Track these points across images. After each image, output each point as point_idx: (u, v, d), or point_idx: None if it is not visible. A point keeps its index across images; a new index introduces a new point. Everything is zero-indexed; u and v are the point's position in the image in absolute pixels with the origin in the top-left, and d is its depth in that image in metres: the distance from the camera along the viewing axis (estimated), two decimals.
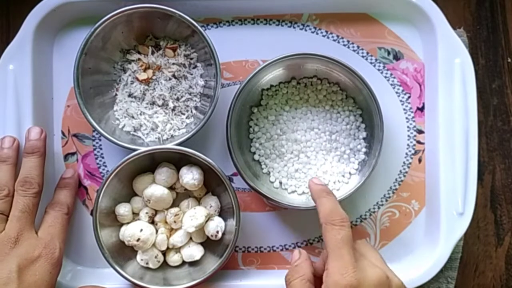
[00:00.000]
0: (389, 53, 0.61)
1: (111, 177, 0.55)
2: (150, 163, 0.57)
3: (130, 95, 0.59)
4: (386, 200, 0.61)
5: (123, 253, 0.57)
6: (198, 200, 0.58)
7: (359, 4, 0.60)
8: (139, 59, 0.59)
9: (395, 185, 0.61)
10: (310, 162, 0.59)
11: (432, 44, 0.59)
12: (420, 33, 0.61)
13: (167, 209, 0.57)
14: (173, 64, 0.58)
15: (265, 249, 0.61)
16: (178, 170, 0.57)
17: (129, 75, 0.59)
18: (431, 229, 0.59)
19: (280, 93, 0.60)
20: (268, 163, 0.60)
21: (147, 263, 0.57)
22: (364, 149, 0.59)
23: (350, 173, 0.59)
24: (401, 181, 0.61)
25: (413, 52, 0.61)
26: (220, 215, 0.57)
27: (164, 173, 0.56)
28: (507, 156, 0.63)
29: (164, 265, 0.58)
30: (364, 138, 0.59)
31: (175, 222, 0.56)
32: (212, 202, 0.57)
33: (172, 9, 0.55)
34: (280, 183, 0.59)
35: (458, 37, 0.58)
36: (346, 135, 0.59)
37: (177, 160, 0.57)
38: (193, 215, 0.55)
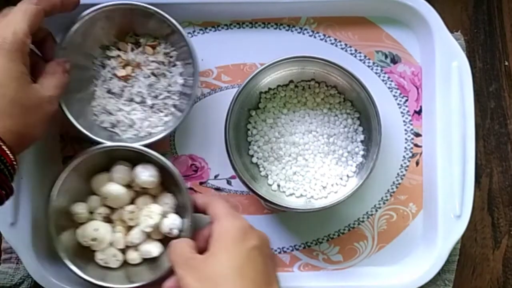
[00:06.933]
0: (386, 57, 0.61)
1: (64, 176, 0.54)
2: (108, 162, 0.57)
3: (108, 92, 0.59)
4: (384, 203, 0.61)
5: (83, 254, 0.56)
6: (155, 198, 0.58)
7: (356, 8, 0.60)
8: (118, 55, 0.59)
9: (392, 188, 0.61)
10: (308, 165, 0.59)
11: (430, 48, 0.59)
12: (418, 37, 0.61)
13: (123, 207, 0.57)
14: (152, 61, 0.58)
15: None
16: None
17: (108, 71, 0.59)
18: (428, 231, 0.60)
19: (278, 96, 0.60)
20: (266, 165, 0.60)
21: (106, 263, 0.56)
22: (361, 152, 0.59)
23: (347, 175, 0.59)
24: (399, 184, 0.61)
25: (411, 55, 0.61)
26: (178, 212, 0.57)
27: (119, 171, 0.56)
28: (504, 159, 0.63)
29: (126, 263, 0.58)
30: (361, 141, 0.59)
31: (131, 219, 0.56)
32: (168, 199, 0.57)
33: (153, 8, 0.55)
34: (278, 185, 0.60)
35: (456, 41, 0.59)
36: (344, 138, 0.59)
37: (134, 159, 0.57)
38: (148, 214, 0.55)
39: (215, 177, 0.61)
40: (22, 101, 0.47)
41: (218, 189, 0.61)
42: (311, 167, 0.59)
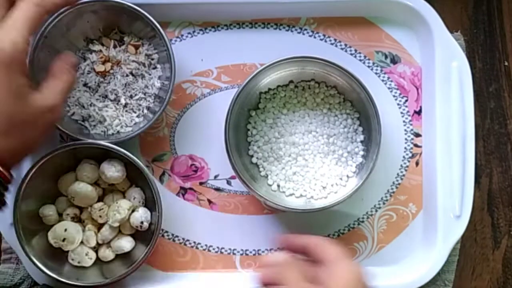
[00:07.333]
0: (386, 57, 0.61)
1: (28, 178, 0.54)
2: (73, 162, 0.57)
3: (85, 85, 0.59)
4: (384, 203, 0.61)
5: (57, 256, 0.57)
6: (123, 193, 0.59)
7: (356, 8, 0.60)
8: (100, 50, 0.59)
9: (392, 188, 0.61)
10: (307, 165, 0.59)
11: (429, 48, 0.59)
12: (418, 37, 0.61)
13: (92, 205, 0.57)
14: (133, 61, 0.58)
15: (263, 252, 0.61)
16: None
17: (88, 64, 0.59)
18: (428, 232, 0.60)
19: (278, 97, 0.60)
20: (266, 166, 0.60)
21: (79, 262, 0.57)
22: (361, 152, 0.59)
23: (347, 176, 0.59)
24: (399, 184, 0.61)
25: (410, 55, 0.61)
26: (146, 205, 0.58)
27: (85, 169, 0.56)
28: (504, 159, 0.63)
29: (99, 261, 0.58)
30: (361, 141, 0.59)
31: (100, 217, 0.57)
32: (136, 193, 0.57)
33: (139, 9, 0.55)
34: (278, 186, 0.60)
35: (455, 41, 0.59)
36: (343, 138, 0.59)
37: (100, 156, 0.57)
38: (116, 209, 0.56)
39: (215, 177, 0.61)
40: (21, 117, 0.46)
41: (218, 189, 0.61)
42: (311, 167, 0.59)
